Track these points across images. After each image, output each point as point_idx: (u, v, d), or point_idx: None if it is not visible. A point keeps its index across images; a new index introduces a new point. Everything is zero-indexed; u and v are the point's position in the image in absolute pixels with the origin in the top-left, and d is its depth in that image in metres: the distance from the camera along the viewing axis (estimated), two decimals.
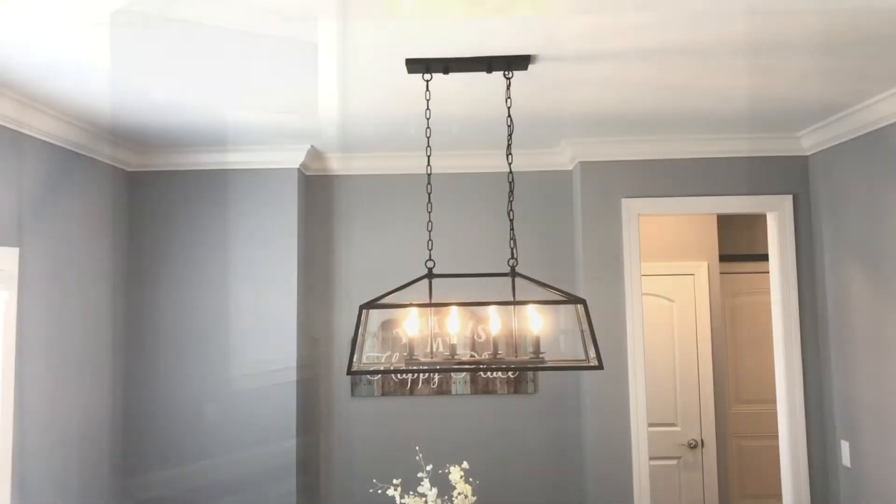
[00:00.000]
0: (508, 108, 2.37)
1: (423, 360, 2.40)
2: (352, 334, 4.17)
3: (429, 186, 2.52)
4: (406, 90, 2.82)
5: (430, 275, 2.40)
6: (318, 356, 4.19)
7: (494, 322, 2.39)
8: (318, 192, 4.27)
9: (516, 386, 4.14)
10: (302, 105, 3.15)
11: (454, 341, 2.38)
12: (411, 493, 2.41)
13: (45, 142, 3.15)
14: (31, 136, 3.04)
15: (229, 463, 3.90)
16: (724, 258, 5.55)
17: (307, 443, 4.11)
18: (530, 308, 2.36)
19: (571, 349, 2.68)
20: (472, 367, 2.38)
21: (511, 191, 2.44)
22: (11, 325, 2.86)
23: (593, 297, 3.79)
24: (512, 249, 2.40)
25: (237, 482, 3.88)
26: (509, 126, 2.39)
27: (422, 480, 2.37)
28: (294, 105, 3.15)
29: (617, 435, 3.89)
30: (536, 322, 2.35)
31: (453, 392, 4.14)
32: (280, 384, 3.93)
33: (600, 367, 2.25)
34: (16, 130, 2.93)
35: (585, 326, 2.30)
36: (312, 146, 3.98)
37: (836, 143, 3.62)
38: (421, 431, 4.07)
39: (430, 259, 2.42)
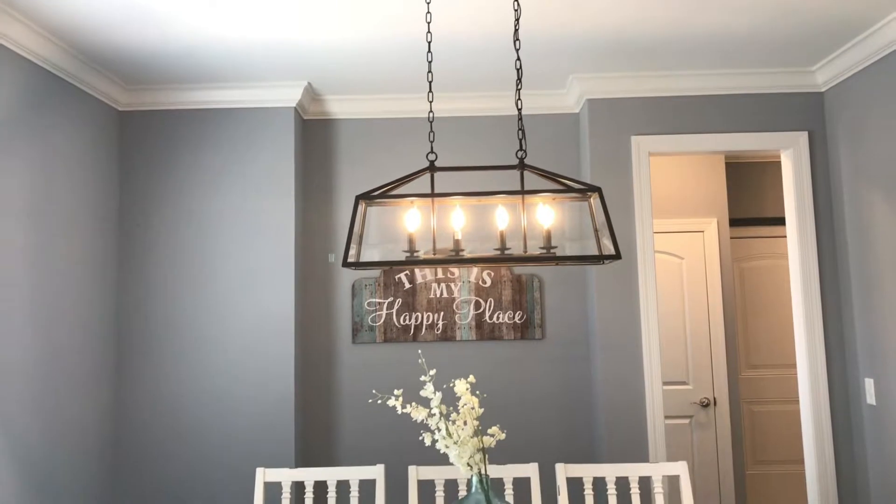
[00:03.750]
0: None
1: (424, 256, 2.22)
2: (353, 282, 4.05)
3: (429, 75, 2.36)
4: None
5: (432, 168, 2.24)
6: (318, 303, 4.04)
7: (501, 217, 2.23)
8: (317, 137, 4.12)
9: (523, 331, 3.98)
10: (292, 20, 3.01)
11: (458, 237, 2.22)
12: (413, 403, 2.24)
13: (24, 58, 3.00)
14: (7, 48, 2.88)
15: (225, 408, 3.74)
16: (733, 222, 5.41)
17: (306, 389, 3.95)
18: (541, 203, 2.21)
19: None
20: (478, 260, 2.21)
21: (519, 78, 2.28)
22: None
23: None
24: (520, 141, 2.24)
25: (234, 429, 3.72)
26: (517, 11, 2.23)
27: (425, 385, 2.21)
28: (284, 23, 3.01)
29: (629, 386, 3.73)
30: (548, 215, 2.20)
31: (458, 338, 3.98)
32: (277, 330, 3.77)
33: (618, 256, 2.09)
34: None
35: (601, 217, 2.14)
36: (309, 83, 3.83)
37: (852, 72, 3.48)
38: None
39: (431, 151, 2.27)
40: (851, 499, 3.60)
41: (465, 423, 2.17)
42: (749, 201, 5.70)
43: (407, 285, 4.03)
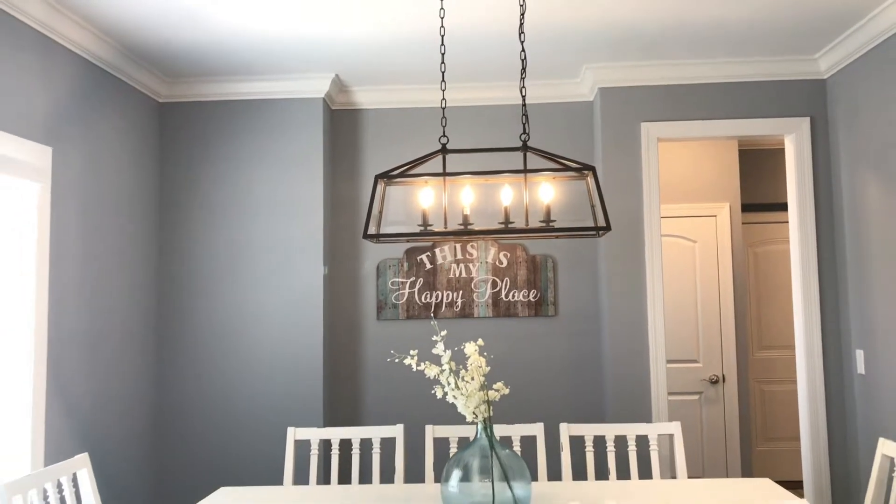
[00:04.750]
0: None
1: (437, 230, 2.48)
2: (377, 262, 4.32)
3: (442, 65, 2.61)
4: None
5: (444, 150, 2.49)
6: (345, 283, 4.32)
7: (506, 194, 2.48)
8: (344, 125, 4.39)
9: (537, 309, 4.23)
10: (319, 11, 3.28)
11: (467, 212, 2.47)
12: (427, 361, 2.50)
13: (74, 53, 3.30)
14: (60, 45, 3.18)
15: (259, 375, 4.05)
16: (747, 208, 5.57)
17: (334, 360, 4.25)
18: (543, 182, 2.45)
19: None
20: (483, 232, 2.46)
21: (523, 68, 2.52)
22: (45, 217, 3.02)
23: (613, 222, 3.85)
24: (524, 125, 2.48)
25: (267, 394, 4.03)
26: (522, 6, 2.48)
27: (436, 344, 2.46)
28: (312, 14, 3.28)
29: (635, 361, 3.95)
30: (548, 192, 2.44)
31: (476, 315, 4.24)
32: (308, 306, 4.06)
33: (608, 227, 2.33)
34: (44, 35, 3.06)
35: (595, 193, 2.38)
36: (337, 75, 4.10)
37: (852, 59, 3.64)
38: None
39: (443, 135, 2.52)
40: (842, 460, 3.82)
41: (472, 378, 2.42)
42: (764, 187, 5.85)
43: (428, 266, 4.29)
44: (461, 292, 4.27)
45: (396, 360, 2.57)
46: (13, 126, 2.85)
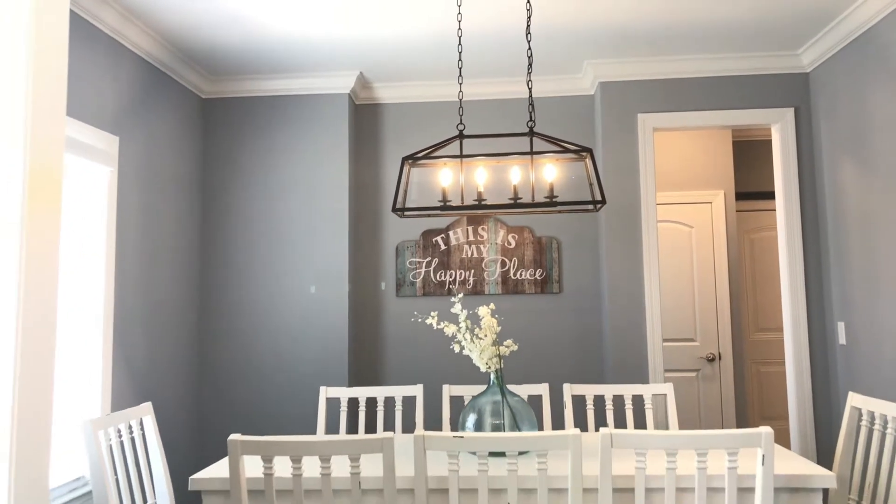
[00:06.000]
0: None
1: (454, 205, 2.85)
2: (396, 244, 4.69)
3: (459, 62, 2.99)
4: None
5: (461, 135, 2.86)
6: (368, 263, 4.71)
7: (515, 174, 2.85)
8: (367, 118, 4.78)
9: (543, 287, 4.59)
10: (344, 15, 3.66)
11: (481, 189, 2.84)
12: (445, 321, 2.87)
13: (136, 54, 3.72)
14: (125, 47, 3.61)
15: (293, 342, 4.46)
16: (742, 196, 5.88)
17: (359, 331, 4.64)
18: (547, 163, 2.82)
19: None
20: (495, 206, 2.83)
21: (529, 64, 2.89)
22: (114, 198, 3.44)
23: (611, 206, 4.24)
24: (530, 113, 2.85)
25: (300, 359, 4.43)
26: (528, 10, 2.85)
27: (454, 304, 2.84)
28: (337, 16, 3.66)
29: (634, 335, 4.31)
30: (551, 172, 2.81)
31: (486, 292, 4.61)
32: (335, 280, 4.46)
33: (604, 202, 2.69)
34: (114, 39, 3.50)
35: (593, 172, 2.74)
36: (361, 73, 4.48)
37: (833, 52, 3.99)
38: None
39: (460, 123, 2.89)
40: (826, 424, 4.17)
41: (486, 335, 2.79)
42: (758, 177, 6.18)
43: (442, 247, 4.67)
44: (473, 271, 4.64)
45: (419, 321, 2.94)
46: (90, 117, 3.28)
